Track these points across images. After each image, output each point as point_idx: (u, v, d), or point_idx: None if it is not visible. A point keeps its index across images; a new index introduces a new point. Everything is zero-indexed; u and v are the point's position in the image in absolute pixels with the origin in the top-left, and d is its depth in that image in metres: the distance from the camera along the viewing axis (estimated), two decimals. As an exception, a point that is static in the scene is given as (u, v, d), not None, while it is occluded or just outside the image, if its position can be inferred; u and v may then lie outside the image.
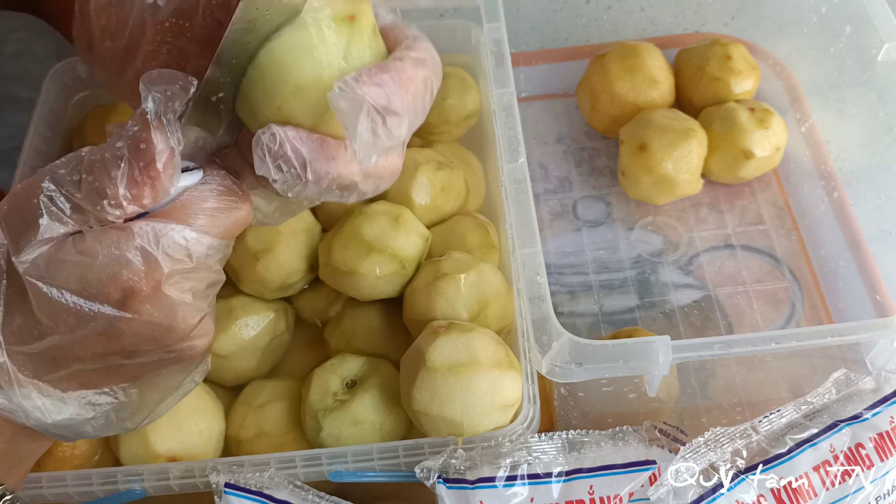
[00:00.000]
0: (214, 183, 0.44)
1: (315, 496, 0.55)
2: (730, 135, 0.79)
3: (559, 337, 0.54)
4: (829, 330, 0.56)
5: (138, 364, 0.44)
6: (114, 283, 0.41)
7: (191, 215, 0.43)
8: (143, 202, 0.41)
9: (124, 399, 0.46)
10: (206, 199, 0.44)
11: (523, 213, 0.60)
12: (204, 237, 0.43)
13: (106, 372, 0.44)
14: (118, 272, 0.41)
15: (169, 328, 0.43)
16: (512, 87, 0.68)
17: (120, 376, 0.45)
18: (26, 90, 0.95)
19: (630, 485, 0.54)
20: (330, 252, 0.63)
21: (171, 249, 0.42)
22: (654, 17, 0.95)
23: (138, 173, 0.40)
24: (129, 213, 0.41)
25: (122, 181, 0.40)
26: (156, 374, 0.46)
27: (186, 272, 0.43)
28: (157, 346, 0.44)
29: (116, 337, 0.42)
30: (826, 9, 0.79)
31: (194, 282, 0.43)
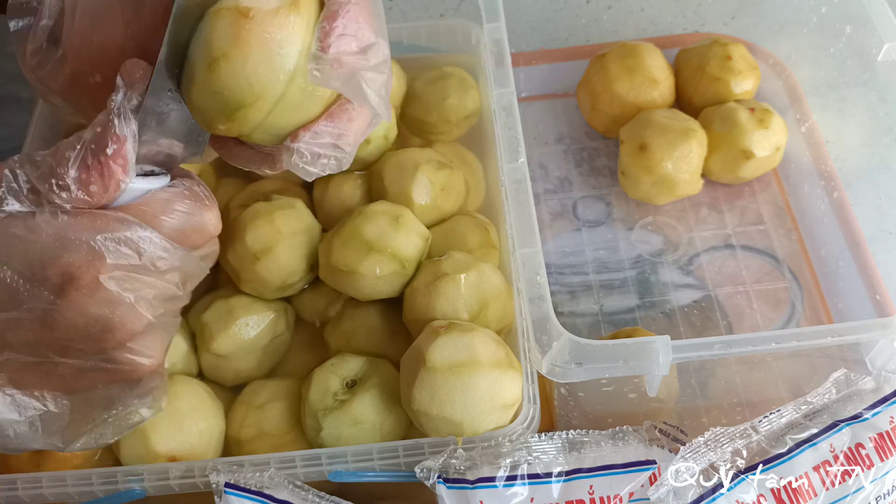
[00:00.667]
0: (180, 187, 0.43)
1: (315, 496, 0.55)
2: (730, 135, 0.79)
3: (559, 337, 0.54)
4: (828, 330, 0.56)
5: (72, 369, 0.42)
6: (53, 266, 0.40)
7: (146, 213, 0.42)
8: (90, 188, 0.40)
9: (54, 409, 0.44)
10: (166, 201, 0.43)
11: (523, 213, 0.60)
12: (156, 237, 0.42)
13: (38, 370, 0.43)
14: (59, 255, 0.40)
15: (105, 327, 0.41)
16: (512, 86, 0.68)
17: (52, 380, 0.43)
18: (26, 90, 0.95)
19: (630, 485, 0.54)
20: (330, 252, 0.63)
21: (118, 243, 0.41)
22: (654, 17, 0.95)
23: (90, 157, 0.40)
24: (77, 199, 0.40)
25: (73, 164, 0.40)
26: (91, 389, 0.44)
27: (133, 270, 0.41)
28: (91, 347, 0.42)
29: (49, 326, 0.41)
30: (826, 9, 0.80)
31: (140, 284, 0.42)
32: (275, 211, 0.64)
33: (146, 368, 0.44)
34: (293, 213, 0.65)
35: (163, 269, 0.42)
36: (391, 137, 0.72)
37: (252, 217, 0.64)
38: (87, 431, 0.46)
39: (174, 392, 0.61)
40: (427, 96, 0.75)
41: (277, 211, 0.64)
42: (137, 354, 0.43)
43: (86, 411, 0.45)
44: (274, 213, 0.64)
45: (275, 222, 0.64)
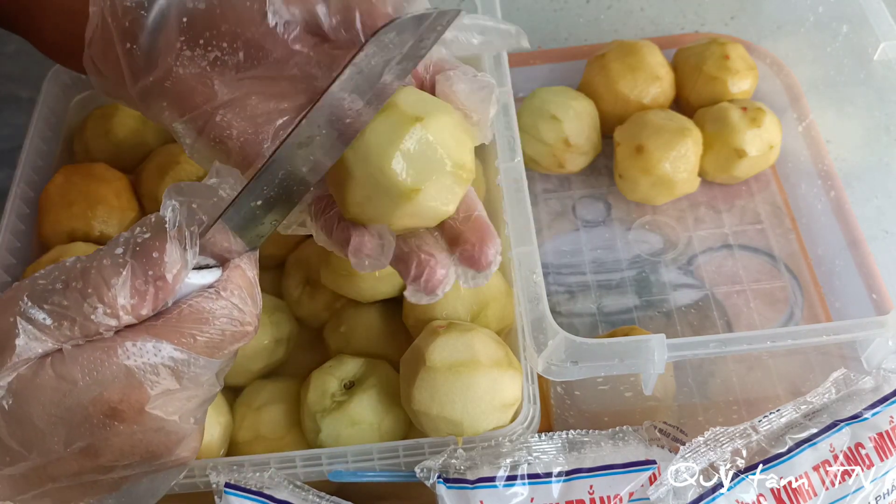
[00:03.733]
0: (222, 299, 0.40)
1: (315, 496, 0.55)
2: (721, 134, 0.79)
3: (555, 335, 0.54)
4: (824, 328, 0.56)
5: (117, 479, 0.41)
6: (94, 406, 0.38)
7: (184, 333, 0.39)
8: (141, 313, 0.38)
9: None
10: (206, 317, 0.40)
11: (520, 211, 0.60)
12: (197, 359, 0.40)
13: (81, 487, 0.41)
14: (98, 394, 0.38)
15: (150, 445, 0.40)
16: (509, 86, 0.68)
17: (97, 490, 0.42)
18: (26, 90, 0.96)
19: (630, 485, 0.54)
20: (329, 256, 0.63)
21: (158, 371, 0.39)
22: (653, 17, 0.95)
23: (142, 283, 0.38)
24: (122, 324, 0.38)
25: (122, 289, 0.38)
26: (137, 485, 0.43)
27: (174, 392, 0.40)
28: (139, 462, 0.41)
29: (93, 456, 0.39)
30: (823, 8, 0.80)
31: (182, 401, 0.40)
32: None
33: (186, 459, 0.43)
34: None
35: (202, 381, 0.41)
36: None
37: None
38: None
39: None
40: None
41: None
42: (183, 452, 0.42)
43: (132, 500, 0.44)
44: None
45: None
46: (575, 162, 0.82)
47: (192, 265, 0.40)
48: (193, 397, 0.41)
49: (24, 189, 0.73)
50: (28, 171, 0.74)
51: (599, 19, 0.96)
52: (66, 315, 0.38)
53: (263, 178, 0.42)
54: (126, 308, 0.38)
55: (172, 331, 0.39)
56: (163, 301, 0.39)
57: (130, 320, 0.39)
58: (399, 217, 0.45)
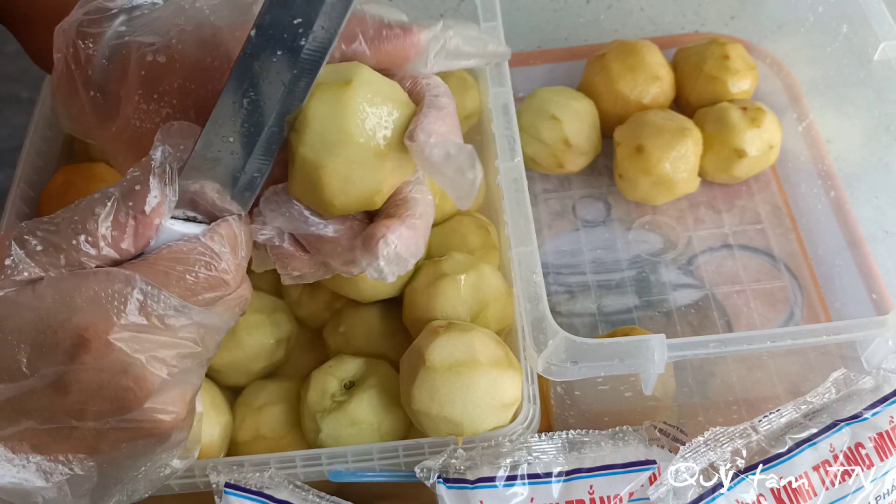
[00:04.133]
0: (200, 243, 0.42)
1: (315, 496, 0.55)
2: (721, 134, 0.79)
3: (555, 335, 0.54)
4: (824, 328, 0.56)
5: (93, 431, 0.41)
6: (62, 331, 0.39)
7: (158, 270, 0.40)
8: (122, 245, 0.40)
9: (80, 471, 0.43)
10: (181, 260, 0.41)
11: (519, 211, 0.60)
12: (164, 296, 0.40)
13: (58, 435, 0.41)
14: (67, 319, 0.38)
15: (119, 389, 0.40)
16: (508, 86, 0.68)
17: (74, 443, 0.42)
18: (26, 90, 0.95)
19: (630, 485, 0.54)
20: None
21: (125, 303, 0.39)
22: (653, 17, 0.95)
23: (124, 214, 0.39)
24: (103, 256, 0.40)
25: (105, 220, 0.39)
26: (115, 449, 0.43)
27: (142, 330, 0.40)
28: (108, 409, 0.41)
29: (63, 391, 0.40)
30: (823, 8, 0.80)
31: (151, 344, 0.40)
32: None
33: (168, 425, 0.43)
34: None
35: (175, 327, 0.41)
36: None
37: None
38: (117, 490, 0.45)
39: None
40: (426, 96, 0.75)
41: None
42: (157, 413, 0.42)
43: (113, 471, 0.44)
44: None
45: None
46: (575, 162, 0.82)
47: (173, 201, 0.40)
48: (165, 344, 0.41)
49: (24, 189, 0.73)
50: (28, 171, 0.74)
51: (599, 19, 0.96)
52: (53, 243, 0.39)
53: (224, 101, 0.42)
54: (106, 238, 0.39)
55: (148, 267, 0.40)
56: (144, 238, 0.40)
57: (111, 253, 0.40)
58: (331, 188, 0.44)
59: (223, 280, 0.42)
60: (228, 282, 0.42)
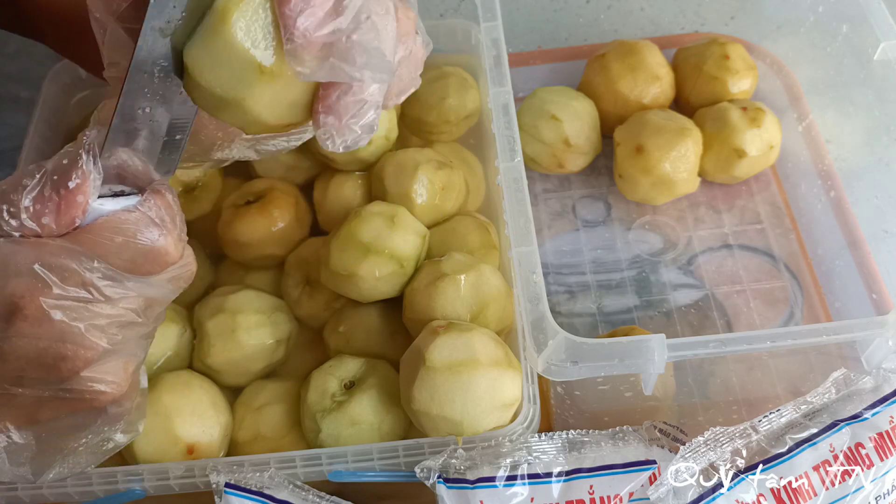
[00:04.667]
0: (138, 213, 0.41)
1: (315, 496, 0.55)
2: (721, 134, 0.79)
3: (555, 335, 0.54)
4: (824, 328, 0.56)
5: (32, 400, 0.41)
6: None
7: (93, 242, 0.40)
8: (42, 220, 0.39)
9: (18, 440, 0.43)
10: (117, 229, 0.41)
11: (519, 211, 0.60)
12: (102, 266, 0.40)
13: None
14: (3, 285, 0.39)
15: (56, 356, 0.40)
16: (508, 86, 0.68)
17: (12, 411, 0.42)
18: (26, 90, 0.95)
19: (630, 485, 0.54)
20: (328, 257, 0.63)
21: (62, 272, 0.39)
22: (653, 17, 0.95)
23: (49, 189, 0.39)
24: (25, 228, 0.39)
25: (29, 192, 0.39)
26: (55, 419, 0.43)
27: (79, 300, 0.40)
28: (46, 377, 0.41)
29: (1, 358, 0.40)
30: (823, 8, 0.80)
31: (90, 313, 0.40)
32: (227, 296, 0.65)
33: (108, 396, 0.42)
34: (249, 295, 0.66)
35: (114, 297, 0.41)
36: (391, 138, 0.72)
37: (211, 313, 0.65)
38: (58, 461, 0.45)
39: (194, 384, 0.61)
40: (427, 96, 0.75)
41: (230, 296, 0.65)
42: (97, 382, 0.42)
43: (53, 441, 0.44)
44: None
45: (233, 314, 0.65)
46: (575, 162, 0.82)
47: (98, 178, 0.40)
48: (104, 314, 0.41)
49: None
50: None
51: (599, 19, 0.96)
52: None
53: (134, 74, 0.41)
54: (28, 210, 0.39)
55: (86, 238, 0.40)
56: (67, 215, 0.40)
57: (31, 225, 0.39)
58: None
59: (164, 250, 0.42)
60: (170, 251, 0.42)
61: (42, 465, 0.45)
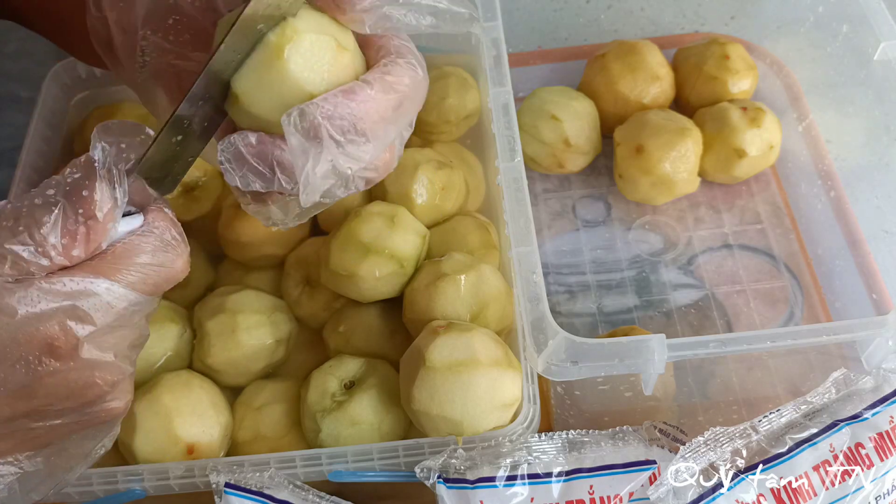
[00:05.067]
0: (152, 236, 0.41)
1: (315, 496, 0.55)
2: (721, 134, 0.79)
3: (555, 335, 0.54)
4: (824, 328, 0.56)
5: (48, 428, 0.41)
6: (29, 343, 0.38)
7: (120, 269, 0.40)
8: (73, 253, 0.38)
9: (30, 469, 0.42)
10: (140, 254, 0.41)
11: (519, 211, 0.60)
12: (130, 293, 0.40)
13: (12, 437, 0.41)
14: (34, 330, 0.38)
15: (86, 386, 0.40)
16: (509, 86, 0.68)
17: (28, 443, 0.42)
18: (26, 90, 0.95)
19: (630, 485, 0.54)
20: (328, 257, 0.63)
21: (94, 306, 0.39)
22: (653, 16, 0.95)
23: (73, 222, 0.38)
24: (55, 265, 0.38)
25: (53, 229, 0.38)
26: (65, 441, 0.43)
27: (108, 330, 0.40)
28: (73, 406, 0.41)
29: (27, 397, 0.39)
30: (823, 8, 0.80)
31: (116, 339, 0.41)
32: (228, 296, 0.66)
33: (119, 410, 0.43)
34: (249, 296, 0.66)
35: (135, 321, 0.41)
36: (391, 138, 0.72)
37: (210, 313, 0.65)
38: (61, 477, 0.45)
39: (194, 384, 0.61)
40: (427, 96, 0.75)
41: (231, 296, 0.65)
42: (111, 400, 0.42)
43: (61, 461, 0.44)
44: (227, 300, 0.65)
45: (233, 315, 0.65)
46: (575, 162, 0.82)
47: (124, 203, 0.40)
48: (126, 336, 0.41)
49: (24, 189, 0.73)
50: (28, 171, 0.74)
51: (599, 19, 0.96)
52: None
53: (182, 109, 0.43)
54: (57, 248, 0.38)
55: (109, 267, 0.39)
56: (95, 242, 0.39)
57: (63, 261, 0.38)
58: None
59: (180, 270, 0.43)
60: (184, 270, 0.43)
61: (50, 485, 0.45)
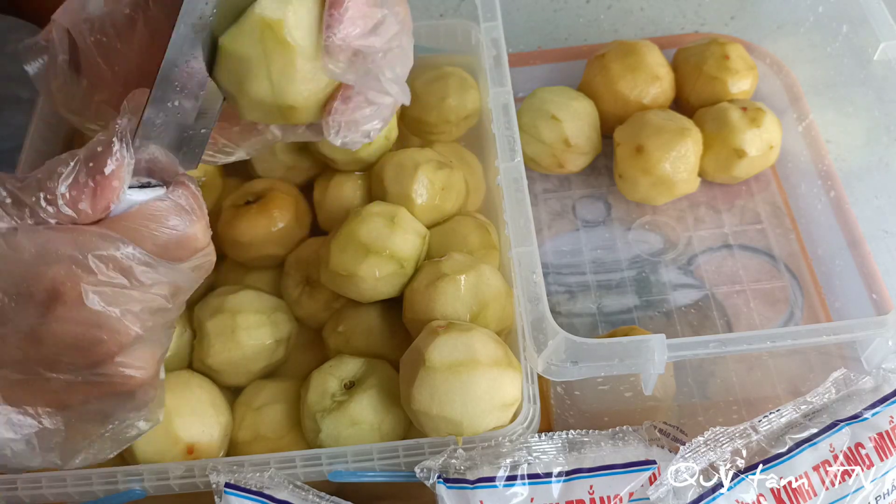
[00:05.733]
0: (169, 201, 0.43)
1: (315, 496, 0.55)
2: (721, 134, 0.79)
3: (555, 335, 0.54)
4: (824, 328, 0.56)
5: (64, 385, 0.42)
6: (37, 282, 0.40)
7: (129, 228, 0.41)
8: (79, 206, 0.40)
9: (49, 425, 0.44)
10: (150, 216, 0.42)
11: (519, 211, 0.60)
12: (138, 252, 0.41)
13: (29, 387, 0.42)
14: (43, 271, 0.40)
15: (92, 341, 0.41)
16: (509, 86, 0.68)
17: (44, 396, 0.43)
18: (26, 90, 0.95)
19: (630, 485, 0.54)
20: (328, 257, 0.63)
21: (101, 258, 0.40)
22: (653, 16, 0.95)
23: (84, 175, 0.40)
24: (62, 215, 0.40)
25: (65, 179, 0.40)
26: (84, 404, 0.44)
27: (118, 286, 0.41)
28: (80, 361, 0.42)
29: (37, 342, 0.41)
30: (823, 8, 0.80)
31: (125, 298, 0.41)
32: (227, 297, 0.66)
33: (137, 381, 0.43)
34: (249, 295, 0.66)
35: (147, 283, 0.42)
36: (391, 138, 0.72)
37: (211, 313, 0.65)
38: (85, 447, 0.46)
39: (194, 384, 0.61)
40: (427, 96, 0.75)
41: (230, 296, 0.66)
42: (127, 367, 0.43)
43: (81, 427, 0.45)
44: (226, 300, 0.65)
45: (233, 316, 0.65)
46: (575, 162, 0.82)
47: (131, 163, 0.42)
48: (138, 300, 0.42)
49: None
50: (28, 170, 0.74)
51: (599, 19, 0.96)
52: (20, 198, 0.40)
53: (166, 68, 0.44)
54: (65, 197, 0.40)
55: (121, 225, 0.41)
56: (103, 200, 0.41)
57: (68, 212, 0.40)
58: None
59: (194, 236, 0.44)
60: (199, 237, 0.44)
61: (69, 451, 0.45)
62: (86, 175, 0.40)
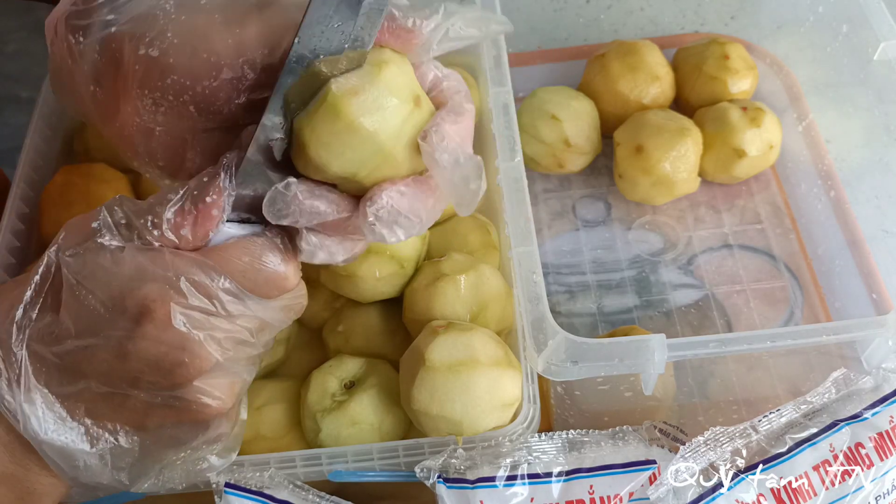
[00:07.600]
0: (264, 237, 0.45)
1: (315, 496, 0.55)
2: (721, 134, 0.79)
3: (555, 335, 0.54)
4: (824, 328, 0.56)
5: (143, 403, 0.43)
6: (131, 297, 0.41)
7: (223, 259, 0.43)
8: (180, 232, 0.43)
9: (124, 443, 0.45)
10: (244, 249, 0.44)
11: (519, 211, 0.60)
12: (228, 283, 0.43)
13: (110, 402, 0.43)
14: (138, 287, 0.41)
15: (174, 361, 0.42)
16: (509, 86, 0.68)
17: (124, 413, 0.44)
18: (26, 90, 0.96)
19: (630, 485, 0.54)
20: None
21: (192, 283, 0.42)
22: (653, 16, 0.95)
23: (189, 202, 0.43)
24: (165, 239, 0.43)
25: (172, 206, 0.42)
26: (160, 427, 0.45)
27: (203, 311, 0.42)
28: (161, 381, 0.43)
29: (123, 356, 0.42)
30: (823, 8, 0.80)
31: (210, 325, 0.43)
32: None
33: (213, 410, 0.44)
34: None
35: (234, 313, 0.43)
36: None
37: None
38: (154, 472, 0.47)
39: None
40: (426, 96, 0.75)
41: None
42: (205, 395, 0.44)
43: (154, 450, 0.45)
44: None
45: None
46: (575, 162, 0.82)
47: (231, 195, 0.43)
48: (222, 328, 0.43)
49: (24, 189, 0.73)
50: (28, 170, 0.74)
51: (599, 19, 0.96)
52: (132, 221, 0.43)
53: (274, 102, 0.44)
54: (169, 222, 0.43)
55: (217, 255, 0.43)
56: (203, 228, 0.43)
57: (171, 236, 0.43)
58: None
59: (284, 275, 0.45)
60: (289, 277, 0.45)
61: (138, 473, 0.46)
62: (190, 203, 0.43)
